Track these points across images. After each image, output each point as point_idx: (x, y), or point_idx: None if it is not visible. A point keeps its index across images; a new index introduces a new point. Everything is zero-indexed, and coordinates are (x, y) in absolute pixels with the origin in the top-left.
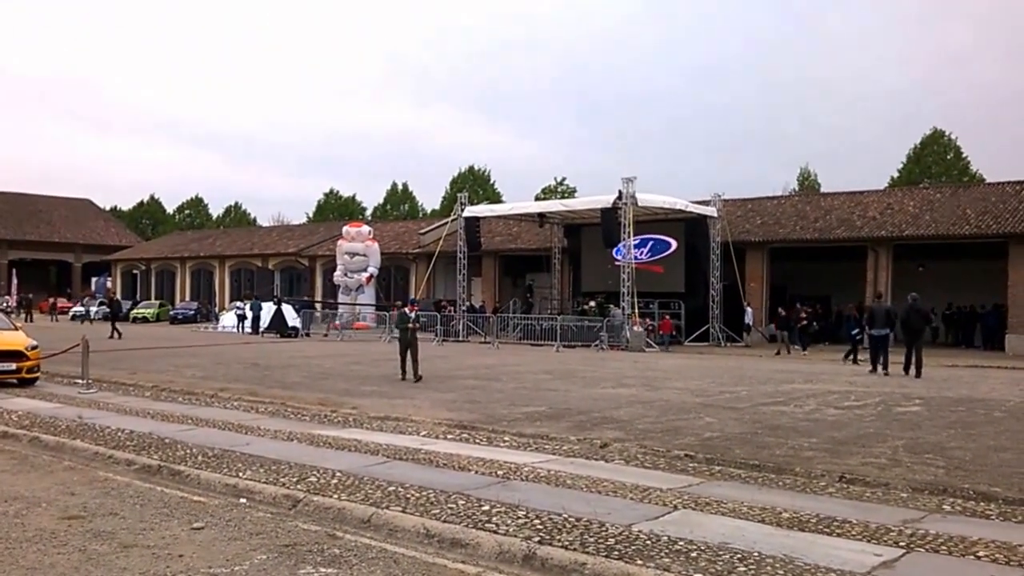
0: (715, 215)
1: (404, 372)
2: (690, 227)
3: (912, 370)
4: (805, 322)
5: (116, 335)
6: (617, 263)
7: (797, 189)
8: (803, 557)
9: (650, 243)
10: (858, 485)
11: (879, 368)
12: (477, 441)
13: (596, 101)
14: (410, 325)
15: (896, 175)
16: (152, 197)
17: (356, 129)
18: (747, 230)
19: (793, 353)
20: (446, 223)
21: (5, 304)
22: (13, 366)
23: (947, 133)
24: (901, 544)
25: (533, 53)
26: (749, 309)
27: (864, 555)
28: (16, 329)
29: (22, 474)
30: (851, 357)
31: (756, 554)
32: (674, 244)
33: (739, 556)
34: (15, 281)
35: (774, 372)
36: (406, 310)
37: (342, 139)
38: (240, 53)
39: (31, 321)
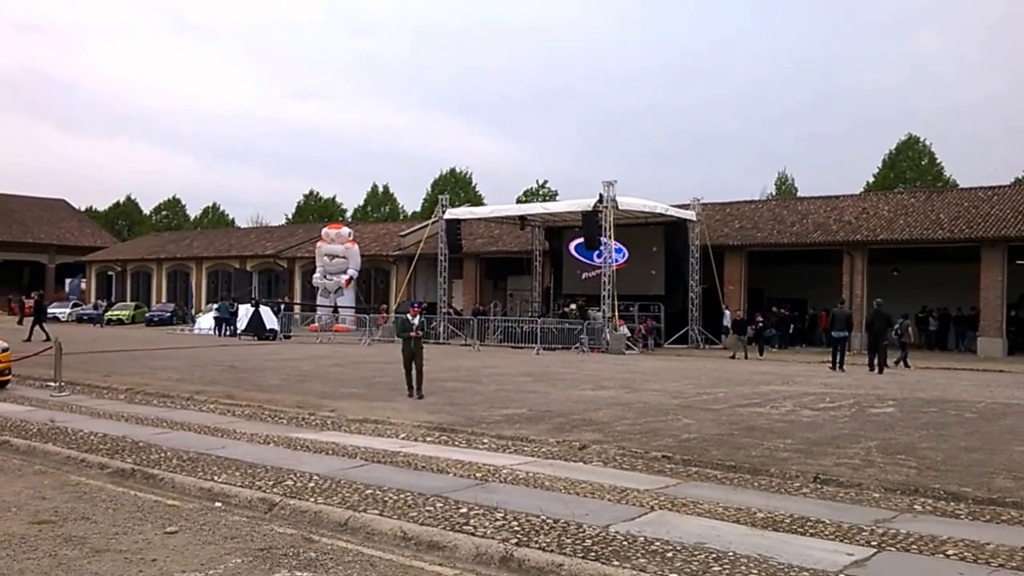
0: (694, 219)
1: (411, 387)
2: (670, 230)
3: (876, 368)
4: (760, 325)
5: (40, 337)
6: (584, 275)
7: (775, 193)
8: (777, 557)
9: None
10: (832, 485)
11: (837, 366)
12: (456, 444)
13: (578, 105)
14: (413, 333)
15: (871, 180)
16: (128, 198)
17: (336, 130)
18: (725, 234)
19: (751, 356)
20: (427, 225)
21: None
22: None
23: (921, 139)
24: (873, 543)
25: (516, 57)
26: (728, 312)
27: (837, 554)
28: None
29: None
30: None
31: (731, 554)
32: (626, 252)
33: (714, 556)
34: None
35: (751, 374)
36: (408, 315)
37: (322, 140)
38: (217, 52)
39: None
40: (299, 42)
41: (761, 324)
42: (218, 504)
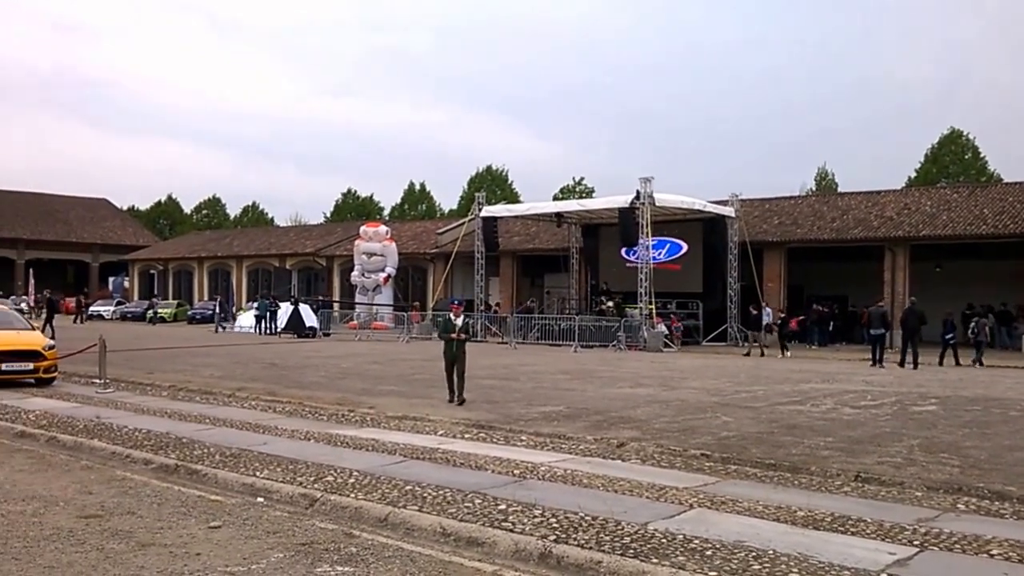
0: (733, 215)
1: (452, 392)
2: (708, 227)
3: (909, 365)
4: (780, 323)
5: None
6: (629, 264)
7: (814, 189)
8: (817, 555)
9: (667, 245)
10: (873, 484)
11: (877, 363)
12: (494, 440)
13: (615, 102)
14: (454, 335)
15: (913, 175)
16: (169, 197)
17: (372, 129)
18: (764, 230)
19: (769, 354)
20: (463, 223)
21: (24, 304)
22: (31, 366)
23: (965, 133)
24: (915, 543)
25: (553, 54)
26: (769, 309)
27: (878, 553)
28: (33, 329)
29: (40, 473)
30: (942, 361)
31: (771, 552)
32: (685, 246)
33: (754, 554)
34: (31, 281)
35: (791, 372)
36: (450, 315)
37: (359, 139)
38: (251, 50)
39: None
40: (332, 40)
41: (783, 320)
42: (260, 499)
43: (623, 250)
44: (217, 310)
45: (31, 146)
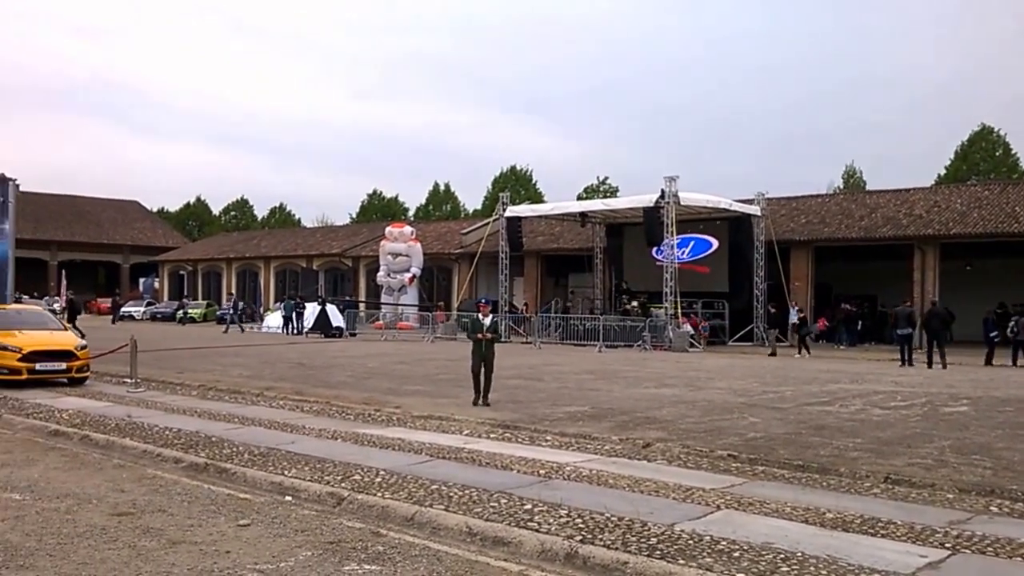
0: (759, 214)
1: (478, 394)
2: (734, 226)
3: (937, 365)
4: (799, 322)
5: None
6: (659, 263)
7: (842, 187)
8: (847, 558)
9: (691, 243)
10: (903, 486)
11: (906, 363)
12: (519, 440)
13: (639, 101)
14: (481, 335)
15: (943, 172)
16: (198, 199)
17: (397, 130)
18: (791, 229)
19: (784, 354)
20: (488, 223)
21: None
22: (63, 365)
23: (995, 129)
24: (947, 545)
25: (577, 53)
26: (794, 309)
27: (909, 556)
28: (65, 329)
29: (73, 471)
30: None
31: (799, 554)
32: (715, 243)
33: (782, 556)
34: (64, 282)
35: (819, 372)
36: (478, 315)
37: (383, 140)
38: (276, 54)
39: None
40: (357, 43)
41: (802, 319)
42: (288, 498)
43: (653, 250)
44: (230, 310)
45: (64, 149)
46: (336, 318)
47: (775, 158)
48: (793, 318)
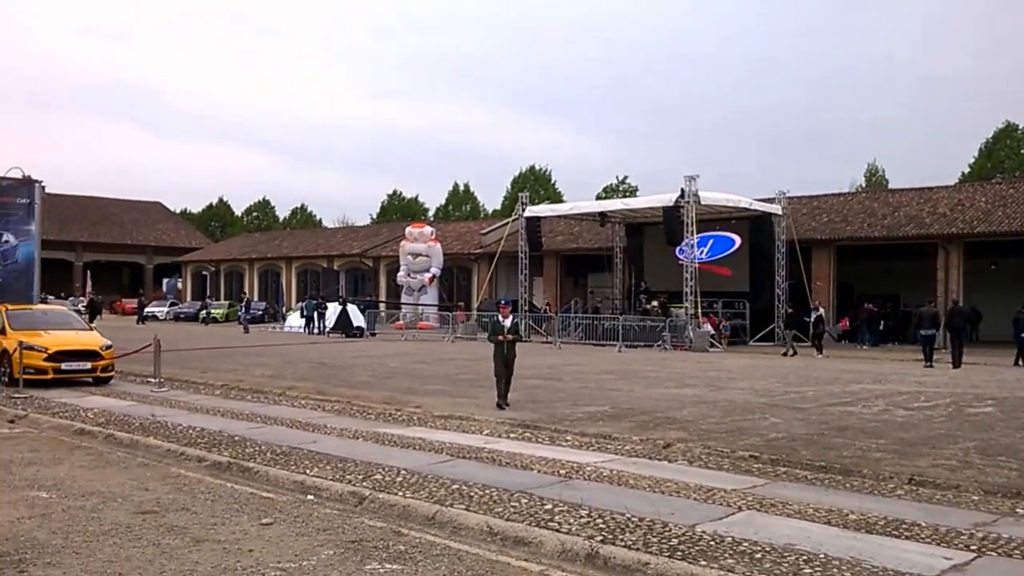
0: (780, 213)
1: (502, 397)
2: (754, 225)
3: (958, 364)
4: (814, 322)
5: None
6: (682, 262)
7: (864, 186)
8: (870, 560)
9: (710, 240)
10: (928, 487)
11: (928, 362)
12: (539, 440)
13: (657, 100)
14: (502, 337)
15: (967, 170)
16: (221, 200)
17: (415, 130)
18: (813, 228)
19: (803, 353)
20: (507, 223)
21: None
22: (88, 365)
23: (1020, 127)
24: (972, 548)
25: (595, 52)
26: (821, 309)
27: (934, 558)
28: (91, 329)
29: (98, 470)
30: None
31: (822, 556)
32: (737, 240)
33: (805, 558)
34: (88, 283)
35: (841, 372)
36: (499, 316)
37: (402, 140)
38: (302, 57)
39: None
40: (376, 44)
41: (817, 318)
42: (310, 497)
43: (677, 249)
44: (242, 311)
45: (88, 152)
46: (357, 318)
47: (796, 157)
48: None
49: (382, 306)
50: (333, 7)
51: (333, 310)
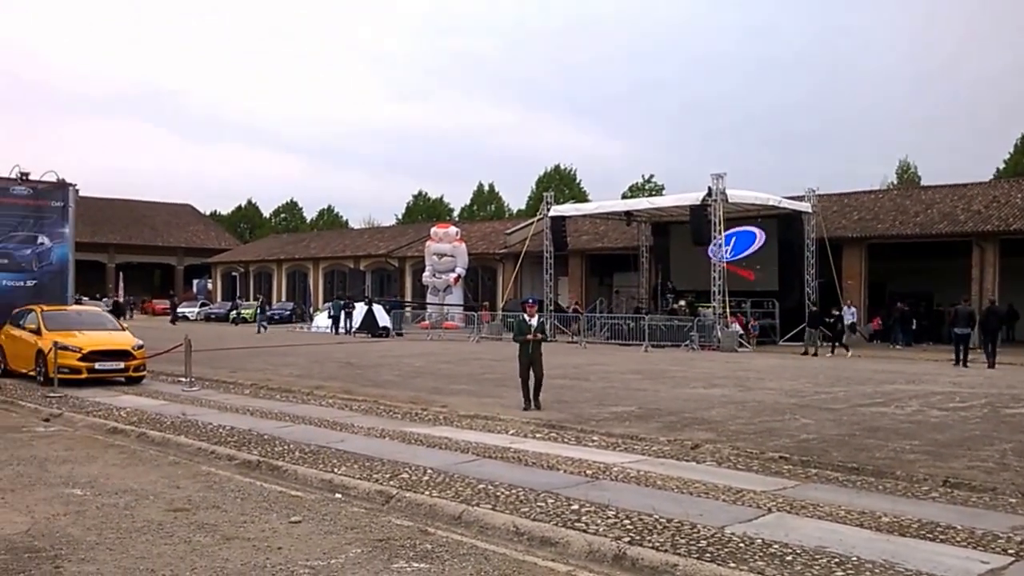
0: (809, 211)
1: (528, 399)
2: (783, 224)
3: (989, 361)
4: (832, 320)
5: None
6: (711, 259)
7: (895, 183)
8: (904, 563)
9: (733, 238)
10: (963, 490)
11: (962, 363)
12: (566, 440)
13: (683, 97)
14: (529, 336)
15: (1002, 166)
16: (249, 202)
17: (440, 131)
18: (843, 226)
19: (821, 351)
20: (532, 223)
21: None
22: (121, 365)
23: None
24: (1010, 551)
25: (619, 52)
26: (853, 308)
27: (970, 562)
28: (123, 330)
29: (131, 467)
30: None
31: (854, 559)
32: (759, 235)
33: (836, 560)
34: (121, 284)
35: (874, 373)
36: (524, 316)
37: (427, 141)
38: (326, 58)
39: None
40: (401, 45)
41: (835, 317)
42: (338, 495)
43: (708, 248)
44: (258, 311)
45: (120, 155)
46: (383, 318)
47: (825, 154)
48: (851, 318)
49: (407, 306)
50: (359, 9)
51: (359, 310)
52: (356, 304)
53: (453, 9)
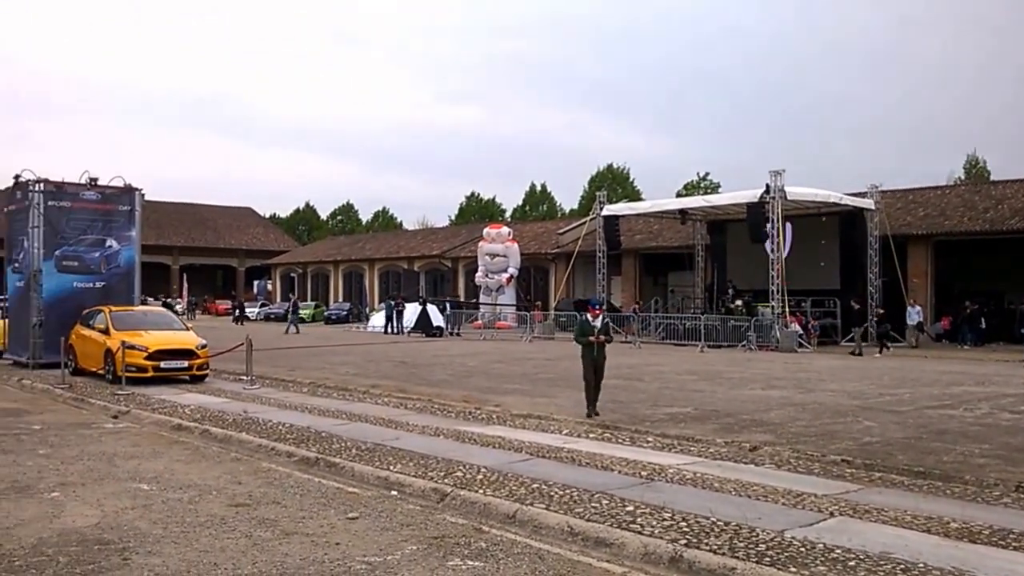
0: (872, 208)
1: (592, 405)
2: (845, 221)
3: None
4: (877, 319)
5: None
6: (772, 255)
7: (963, 178)
8: (975, 571)
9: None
10: None
11: None
12: (620, 441)
13: (739, 94)
14: (593, 338)
15: None
16: (307, 204)
17: (492, 131)
18: (908, 223)
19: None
20: (584, 222)
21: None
22: (185, 363)
23: None
24: None
25: (671, 49)
26: (919, 308)
27: None
28: (187, 330)
29: (195, 463)
30: None
31: (921, 565)
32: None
33: (902, 567)
34: (185, 285)
35: (941, 374)
36: (588, 316)
37: (479, 142)
38: (381, 62)
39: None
40: (453, 47)
41: (879, 316)
42: (394, 492)
43: (767, 246)
44: (290, 311)
45: (183, 160)
46: (436, 318)
47: (889, 150)
48: (912, 319)
49: (462, 306)
50: (411, 12)
51: (412, 310)
52: (407, 305)
53: (506, 10)
